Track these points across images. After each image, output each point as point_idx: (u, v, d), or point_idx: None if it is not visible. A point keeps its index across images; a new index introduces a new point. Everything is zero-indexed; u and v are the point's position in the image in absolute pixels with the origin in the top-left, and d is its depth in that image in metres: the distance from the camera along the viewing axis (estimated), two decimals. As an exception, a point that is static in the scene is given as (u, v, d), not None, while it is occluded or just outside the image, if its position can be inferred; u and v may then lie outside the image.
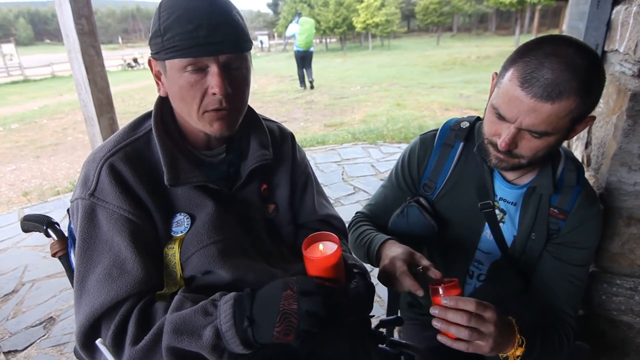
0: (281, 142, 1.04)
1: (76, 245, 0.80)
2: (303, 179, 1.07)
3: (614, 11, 1.37)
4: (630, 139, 1.14)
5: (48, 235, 0.92)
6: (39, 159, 6.28)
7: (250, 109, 0.99)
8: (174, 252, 0.82)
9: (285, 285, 0.69)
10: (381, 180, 4.01)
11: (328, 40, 42.47)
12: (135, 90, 13.67)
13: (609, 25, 1.41)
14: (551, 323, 1.06)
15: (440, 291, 0.85)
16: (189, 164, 0.85)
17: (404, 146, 4.95)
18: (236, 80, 0.80)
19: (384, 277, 0.97)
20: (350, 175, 4.20)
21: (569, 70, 0.80)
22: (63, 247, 0.91)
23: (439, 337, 0.86)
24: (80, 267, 0.79)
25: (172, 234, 0.84)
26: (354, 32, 38.39)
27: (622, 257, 1.27)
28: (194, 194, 0.85)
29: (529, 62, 0.83)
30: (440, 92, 9.66)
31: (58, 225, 0.94)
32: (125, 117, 8.74)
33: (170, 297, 0.80)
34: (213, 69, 0.77)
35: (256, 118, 1.00)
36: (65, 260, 0.92)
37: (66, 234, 0.93)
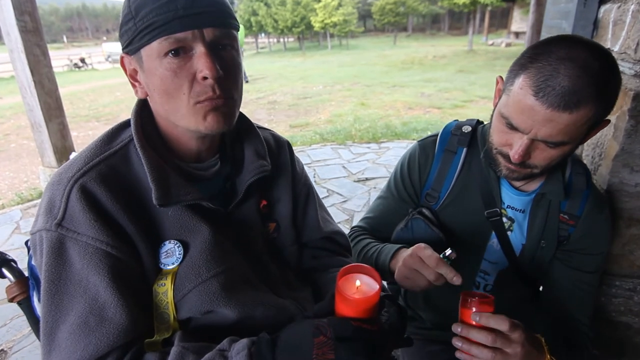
0: (278, 151, 0.92)
1: (42, 288, 0.64)
2: (305, 192, 0.95)
3: (602, 10, 1.36)
4: (632, 139, 1.12)
5: (2, 276, 0.75)
6: (-22, 168, 5.72)
7: (241, 113, 0.87)
8: (165, 290, 0.68)
9: (316, 330, 0.58)
10: (354, 181, 3.95)
11: (286, 39, 42.24)
12: (85, 92, 12.86)
13: (596, 23, 1.40)
14: (571, 334, 1.01)
15: (473, 307, 0.77)
16: (179, 179, 0.71)
17: (374, 146, 4.94)
18: (226, 61, 0.68)
19: (405, 273, 0.88)
20: (323, 178, 4.10)
21: (586, 75, 0.74)
22: (23, 290, 0.74)
23: (458, 354, 0.79)
24: (48, 316, 0.64)
25: (162, 266, 0.70)
26: (312, 32, 38.41)
27: (622, 259, 1.26)
28: (186, 215, 0.72)
29: (542, 68, 0.77)
30: (402, 91, 9.78)
31: (15, 263, 0.77)
32: (74, 121, 8.19)
33: (162, 344, 0.67)
34: (199, 48, 0.65)
35: (249, 124, 0.87)
36: (26, 305, 0.75)
37: (26, 273, 0.76)
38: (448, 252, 0.84)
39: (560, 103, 0.75)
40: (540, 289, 1.16)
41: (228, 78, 0.68)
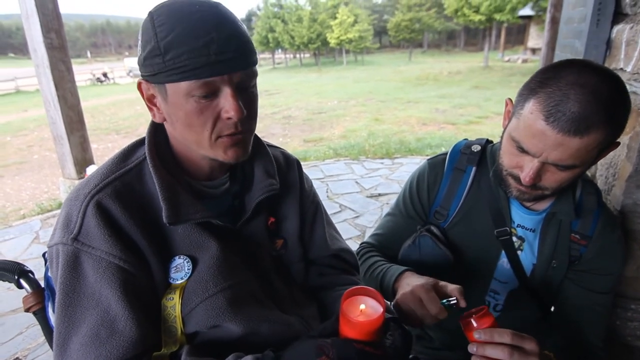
0: (287, 170, 0.94)
1: (56, 299, 0.67)
2: (312, 210, 0.97)
3: (615, 30, 1.36)
4: (646, 160, 1.10)
5: (20, 287, 0.78)
6: (2, 178, 5.92)
7: None
8: (174, 304, 0.70)
9: (319, 351, 0.59)
10: (367, 197, 3.95)
11: (302, 55, 42.88)
12: (106, 106, 13.26)
13: (608, 43, 1.40)
14: (584, 356, 0.99)
15: (474, 323, 0.77)
16: (189, 197, 0.74)
17: (387, 162, 4.93)
18: (248, 99, 0.71)
19: (403, 308, 0.87)
20: (335, 193, 4.12)
21: (596, 100, 0.75)
22: (39, 301, 0.77)
23: None
24: (61, 327, 0.66)
25: (171, 281, 0.72)
26: (328, 48, 38.92)
27: (637, 281, 1.23)
28: (195, 232, 0.74)
29: (552, 93, 0.78)
30: (416, 107, 9.80)
31: (32, 274, 0.80)
32: (95, 133, 8.43)
33: (169, 358, 0.68)
34: (226, 90, 0.67)
35: (259, 143, 0.90)
36: (41, 316, 0.78)
37: (42, 284, 0.79)
38: (453, 300, 0.82)
39: (571, 128, 0.76)
40: (552, 309, 1.14)
41: (249, 115, 0.72)
